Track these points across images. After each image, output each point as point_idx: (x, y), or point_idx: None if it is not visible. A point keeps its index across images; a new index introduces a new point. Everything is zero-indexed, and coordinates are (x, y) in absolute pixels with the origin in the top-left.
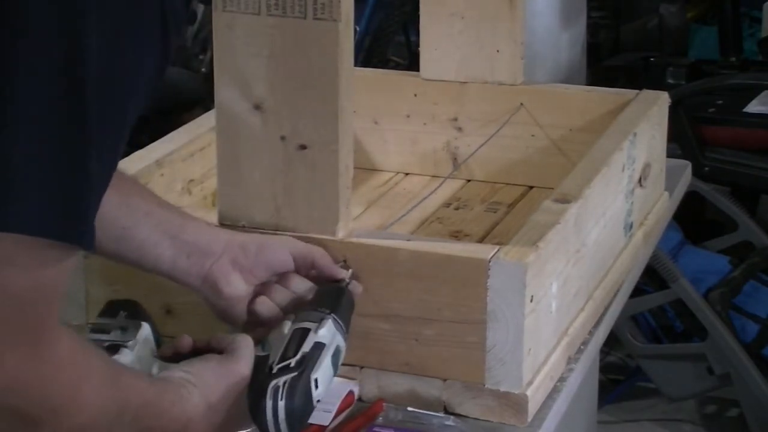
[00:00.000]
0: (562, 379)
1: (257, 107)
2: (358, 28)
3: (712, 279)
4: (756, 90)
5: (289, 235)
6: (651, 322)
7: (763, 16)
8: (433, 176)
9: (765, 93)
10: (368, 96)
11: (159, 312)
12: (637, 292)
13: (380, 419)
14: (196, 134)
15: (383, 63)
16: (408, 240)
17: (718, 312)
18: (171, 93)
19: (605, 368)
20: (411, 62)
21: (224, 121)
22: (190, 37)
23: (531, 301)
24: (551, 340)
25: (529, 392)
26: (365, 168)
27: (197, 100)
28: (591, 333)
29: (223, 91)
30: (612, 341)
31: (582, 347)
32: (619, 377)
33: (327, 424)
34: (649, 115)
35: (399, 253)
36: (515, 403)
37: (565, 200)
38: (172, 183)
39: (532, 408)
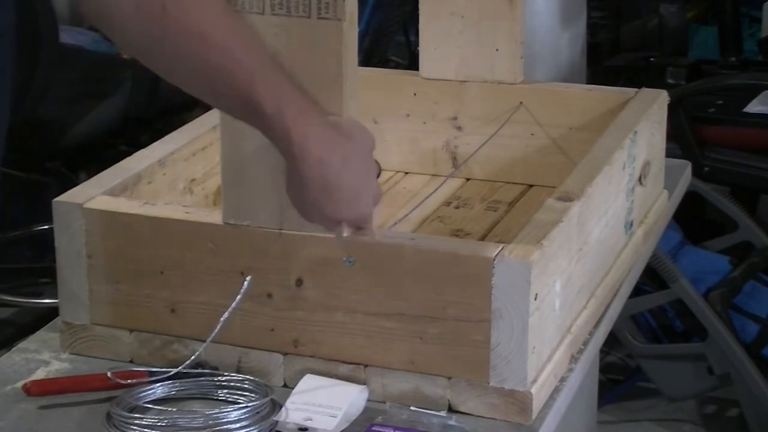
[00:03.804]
0: (562, 379)
1: None
2: (358, 28)
3: (712, 279)
4: (756, 90)
5: (294, 234)
6: (651, 322)
7: (763, 16)
8: (433, 175)
9: (765, 93)
10: (368, 95)
11: (163, 311)
12: (637, 292)
13: (380, 418)
14: (198, 134)
15: (383, 63)
16: (412, 238)
17: (718, 312)
18: (171, 93)
19: (605, 368)
20: (411, 62)
21: (228, 120)
22: None
23: (535, 299)
24: (555, 338)
25: (533, 390)
26: None
27: (197, 100)
28: (591, 333)
29: None
30: (612, 341)
31: (582, 347)
32: (619, 377)
33: (332, 428)
34: (649, 114)
35: (404, 252)
36: (520, 401)
37: (568, 198)
38: (174, 182)
39: (537, 406)
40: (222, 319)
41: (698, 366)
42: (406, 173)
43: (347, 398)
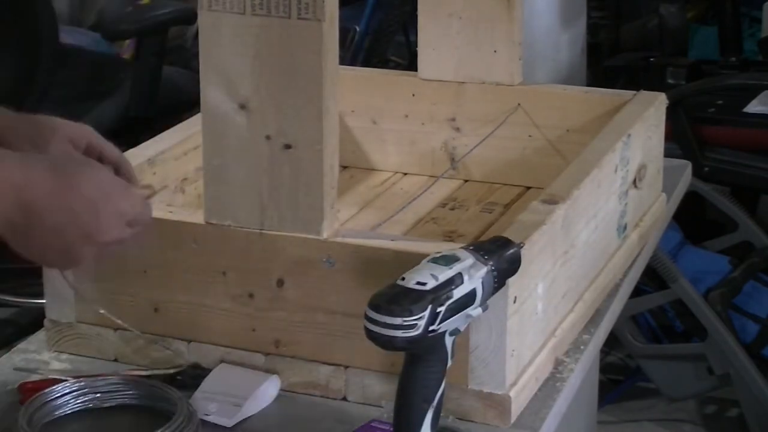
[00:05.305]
0: (562, 380)
1: (242, 106)
2: (358, 29)
3: (712, 279)
4: (756, 90)
5: (275, 234)
6: (651, 322)
7: (763, 16)
8: (431, 176)
9: (765, 93)
10: (367, 96)
11: (147, 310)
12: (637, 292)
13: (385, 416)
14: (190, 133)
15: (383, 63)
16: (392, 240)
17: (718, 312)
18: (171, 93)
19: (605, 368)
20: (411, 62)
21: (210, 120)
22: (191, 37)
23: (514, 302)
24: (537, 341)
25: (512, 393)
26: (363, 168)
27: (197, 100)
28: (591, 333)
29: (209, 90)
30: (612, 341)
31: (582, 347)
32: (619, 377)
33: (231, 420)
34: (645, 117)
35: (383, 253)
36: (498, 404)
37: (553, 201)
38: (164, 181)
39: (516, 409)
40: None
41: (698, 366)
42: (405, 174)
43: (254, 388)
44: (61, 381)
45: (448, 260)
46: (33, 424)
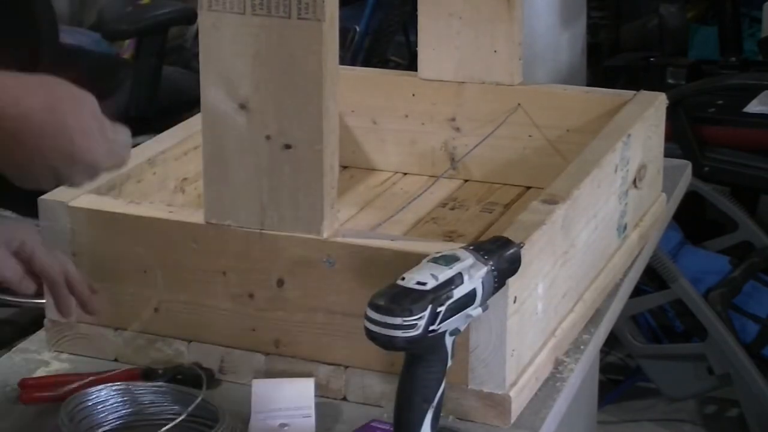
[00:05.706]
0: (562, 380)
1: (242, 106)
2: (358, 29)
3: (712, 279)
4: (756, 90)
5: (275, 234)
6: (651, 322)
7: (763, 16)
8: (431, 176)
9: (765, 93)
10: (367, 96)
11: (147, 310)
12: (637, 292)
13: (385, 416)
14: (190, 133)
15: (383, 63)
16: (392, 240)
17: (718, 312)
18: (171, 93)
19: (605, 368)
20: (411, 62)
21: (210, 120)
22: (191, 37)
23: (514, 302)
24: (537, 341)
25: (512, 393)
26: (363, 167)
27: (197, 100)
28: (591, 333)
29: (209, 90)
30: (612, 341)
31: (582, 347)
32: (619, 377)
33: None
34: (645, 117)
35: (383, 253)
36: (498, 403)
37: (553, 201)
38: (164, 181)
39: (516, 408)
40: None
41: (698, 366)
42: (405, 174)
43: (308, 395)
44: (69, 377)
45: (448, 260)
46: (74, 420)
